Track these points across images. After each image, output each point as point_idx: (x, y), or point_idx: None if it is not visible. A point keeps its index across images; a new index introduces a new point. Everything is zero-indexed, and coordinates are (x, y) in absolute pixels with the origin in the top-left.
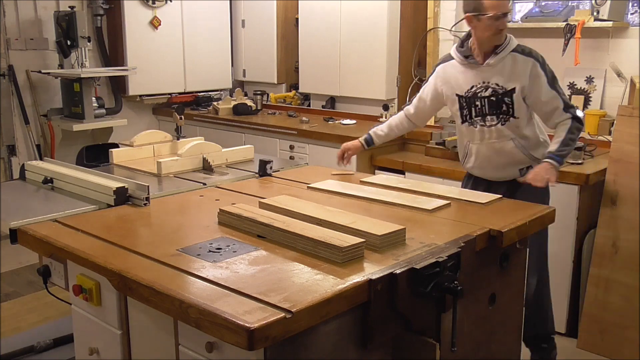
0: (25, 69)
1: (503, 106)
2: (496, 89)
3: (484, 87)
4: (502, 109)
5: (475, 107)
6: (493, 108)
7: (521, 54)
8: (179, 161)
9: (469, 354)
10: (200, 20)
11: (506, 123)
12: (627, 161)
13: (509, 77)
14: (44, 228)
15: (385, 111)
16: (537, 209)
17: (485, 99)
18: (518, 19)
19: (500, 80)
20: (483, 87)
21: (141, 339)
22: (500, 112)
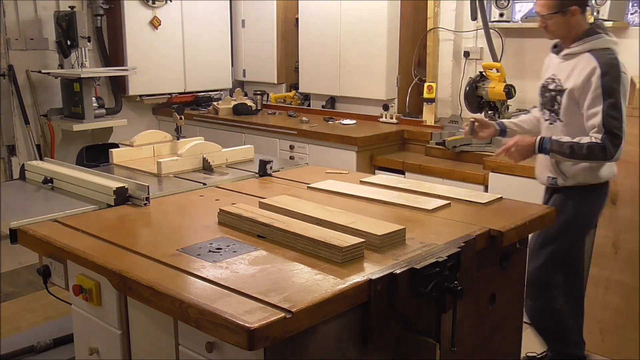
0: (25, 69)
1: (555, 104)
2: (558, 84)
3: (552, 80)
4: (554, 107)
5: (544, 97)
6: (550, 104)
7: (593, 56)
8: (179, 161)
9: (469, 354)
10: (200, 20)
11: (554, 123)
12: (627, 161)
13: (569, 75)
14: (44, 228)
15: (385, 111)
16: (537, 209)
17: (549, 92)
18: (518, 19)
19: (562, 77)
20: (551, 79)
21: (141, 339)
22: (552, 109)
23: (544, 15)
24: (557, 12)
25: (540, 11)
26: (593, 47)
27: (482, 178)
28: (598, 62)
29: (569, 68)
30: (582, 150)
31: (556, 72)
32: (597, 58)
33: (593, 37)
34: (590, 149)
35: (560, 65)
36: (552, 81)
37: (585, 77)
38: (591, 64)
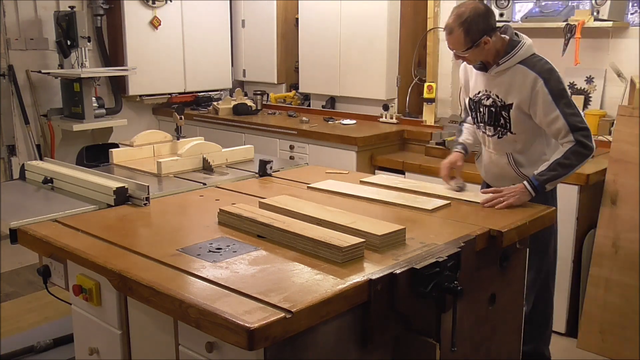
0: (25, 69)
1: (501, 119)
2: (496, 100)
3: (486, 96)
4: (499, 121)
5: (479, 112)
6: (491, 119)
7: (527, 67)
8: (179, 161)
9: (469, 354)
10: (200, 20)
11: (503, 137)
12: (627, 161)
13: (508, 90)
14: (44, 228)
15: (385, 111)
16: (537, 209)
17: (486, 108)
18: (518, 19)
19: (500, 92)
20: (485, 95)
21: (141, 339)
22: (497, 124)
23: (457, 53)
24: (470, 48)
25: (453, 49)
26: (521, 58)
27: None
28: (535, 71)
29: (505, 83)
30: (568, 160)
31: (489, 87)
32: (532, 67)
33: (517, 49)
34: (574, 153)
35: (493, 81)
36: (486, 97)
37: (529, 89)
38: (529, 75)
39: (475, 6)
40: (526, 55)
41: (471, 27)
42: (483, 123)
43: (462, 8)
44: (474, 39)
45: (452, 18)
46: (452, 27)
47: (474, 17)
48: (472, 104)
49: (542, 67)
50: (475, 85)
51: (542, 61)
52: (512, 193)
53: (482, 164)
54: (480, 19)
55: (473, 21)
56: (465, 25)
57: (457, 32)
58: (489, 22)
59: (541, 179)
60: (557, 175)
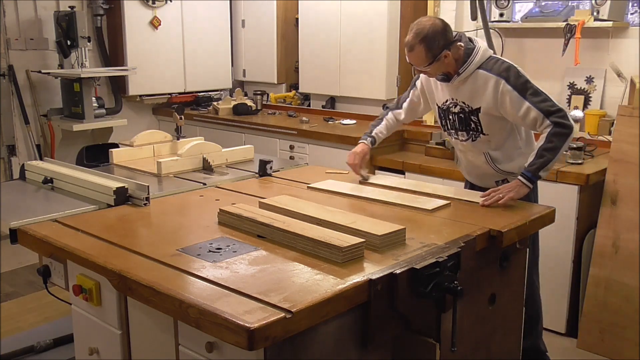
0: (25, 69)
1: (471, 123)
2: (463, 106)
3: (453, 104)
4: (470, 126)
5: (449, 120)
6: (462, 124)
7: (486, 71)
8: (179, 161)
9: (469, 354)
10: (200, 20)
11: (477, 139)
12: (627, 161)
13: (473, 95)
14: (44, 228)
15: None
16: (537, 209)
17: (456, 115)
18: (518, 19)
19: (465, 99)
20: (453, 103)
21: (141, 339)
22: (469, 128)
23: (419, 68)
24: (431, 63)
25: (415, 65)
26: (479, 63)
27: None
28: (494, 73)
29: (469, 90)
30: (551, 143)
31: (455, 95)
32: (490, 70)
33: (473, 55)
34: (555, 135)
35: (457, 89)
36: (453, 105)
37: (492, 92)
38: (490, 79)
39: (434, 22)
40: (483, 60)
41: (432, 43)
42: (454, 129)
43: (420, 25)
44: (434, 54)
45: (412, 35)
46: (413, 44)
47: (433, 34)
48: (440, 112)
49: (500, 68)
50: (442, 94)
51: (499, 62)
52: (509, 188)
53: (462, 166)
54: (439, 35)
55: (433, 37)
56: (425, 41)
57: (417, 48)
58: (447, 37)
59: (532, 169)
60: (546, 161)
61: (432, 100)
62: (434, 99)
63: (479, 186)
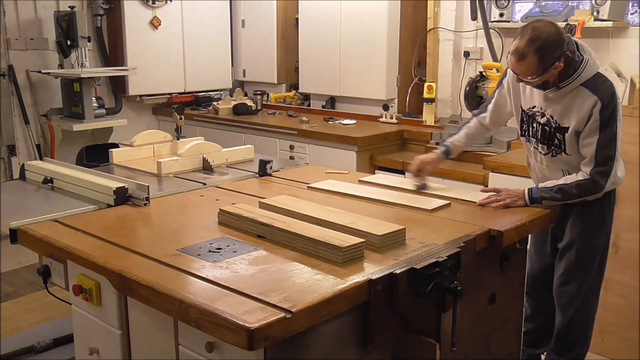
0: (25, 69)
1: (555, 140)
2: (550, 121)
3: (541, 114)
4: (553, 142)
5: (532, 128)
6: (545, 138)
7: (588, 90)
8: (179, 161)
9: (469, 354)
10: (200, 20)
11: (557, 155)
12: (627, 161)
13: (566, 113)
14: (44, 228)
15: (385, 111)
16: (536, 209)
17: (540, 126)
18: (518, 19)
19: (556, 114)
20: (541, 112)
21: (141, 339)
22: (552, 144)
23: (528, 81)
24: (540, 75)
25: (520, 75)
26: (584, 79)
27: (482, 178)
28: (597, 95)
29: (563, 105)
30: (572, 190)
31: (544, 106)
32: (594, 91)
33: (580, 70)
34: (580, 186)
35: (550, 100)
36: (540, 114)
37: (587, 111)
38: (590, 98)
39: (550, 30)
40: (589, 76)
41: (546, 54)
42: (535, 139)
43: (536, 31)
44: (546, 66)
45: (525, 42)
46: (525, 52)
47: (550, 44)
48: (524, 117)
49: (606, 91)
50: (530, 98)
51: (607, 83)
52: (510, 195)
53: (535, 176)
54: (556, 45)
55: (549, 48)
56: (540, 52)
57: (530, 59)
58: (562, 48)
59: (541, 195)
60: (556, 199)
61: (517, 101)
62: (519, 101)
63: None
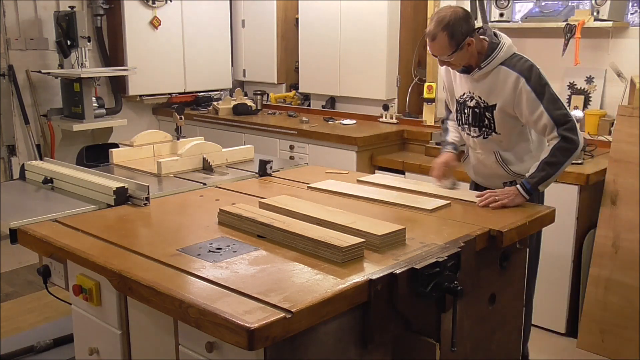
0: (25, 69)
1: (485, 120)
2: (479, 102)
3: (470, 97)
4: (484, 122)
5: (464, 114)
6: (475, 120)
7: (508, 68)
8: (179, 161)
9: (469, 354)
10: (200, 20)
11: (488, 137)
12: (627, 161)
13: (491, 91)
14: (44, 228)
15: (385, 111)
16: (537, 209)
17: (470, 110)
18: (518, 19)
19: (483, 94)
20: (469, 96)
21: (141, 339)
22: (482, 125)
23: (443, 58)
24: (455, 51)
25: (438, 55)
26: (502, 59)
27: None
28: (516, 71)
29: (487, 85)
30: (555, 158)
31: (472, 89)
32: (513, 67)
33: (497, 50)
34: (559, 149)
35: (476, 83)
36: (470, 98)
37: (511, 89)
38: (511, 75)
39: (455, 10)
40: (507, 56)
41: (454, 29)
42: (467, 124)
43: (441, 13)
44: (458, 41)
45: (434, 24)
46: (435, 32)
47: (455, 20)
48: (458, 106)
49: (523, 66)
50: (460, 87)
51: (522, 60)
52: (506, 194)
53: (470, 165)
54: (462, 21)
55: (455, 24)
56: (448, 28)
57: (440, 36)
58: (470, 24)
59: (532, 182)
60: (547, 176)
61: (452, 93)
62: (453, 92)
63: (485, 187)
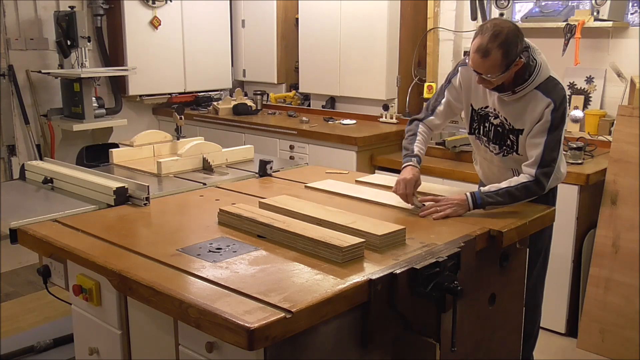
0: (25, 69)
1: (507, 141)
2: (504, 122)
3: (494, 115)
4: (506, 142)
5: (484, 127)
6: (498, 138)
7: (542, 93)
8: (179, 161)
9: (469, 354)
10: (200, 20)
11: (508, 155)
12: (627, 161)
13: (520, 116)
14: (44, 228)
15: (385, 111)
16: (537, 209)
17: (493, 126)
18: (518, 19)
19: (510, 117)
20: (494, 114)
21: (141, 339)
22: (504, 144)
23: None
24: (504, 72)
25: (485, 73)
26: (538, 82)
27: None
28: (550, 98)
29: (517, 110)
30: (517, 192)
31: (499, 108)
32: (547, 94)
33: (535, 74)
34: (526, 188)
35: (505, 104)
36: (494, 116)
37: (539, 114)
38: (543, 101)
39: (510, 25)
40: (542, 79)
41: (510, 48)
42: (487, 138)
43: (497, 27)
44: (510, 61)
45: (488, 38)
46: (490, 48)
47: (512, 38)
48: (475, 116)
49: (558, 94)
50: (482, 98)
51: (559, 86)
52: (450, 204)
53: (482, 172)
54: (517, 40)
55: (512, 42)
56: (504, 46)
57: (495, 54)
58: (523, 42)
59: (485, 200)
60: (501, 202)
61: (468, 99)
62: (469, 99)
63: None
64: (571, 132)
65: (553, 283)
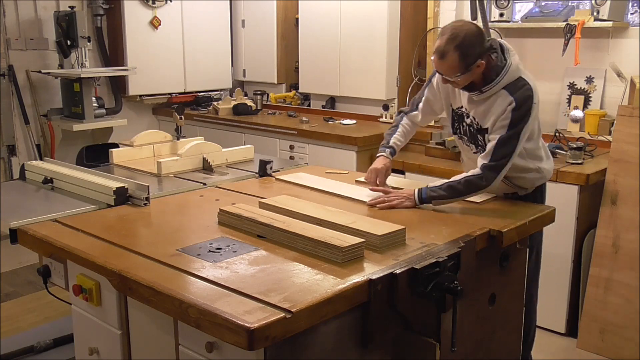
0: (25, 69)
1: (479, 140)
2: (473, 122)
3: (466, 114)
4: (478, 142)
5: (462, 126)
6: (471, 138)
7: (508, 93)
8: (179, 161)
9: (469, 353)
10: (200, 20)
11: None
12: (627, 161)
13: (486, 114)
14: (44, 228)
15: (385, 111)
16: (537, 209)
17: (467, 126)
18: (518, 19)
19: (477, 116)
20: (465, 113)
21: (141, 339)
22: (477, 144)
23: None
24: (463, 74)
25: (445, 74)
26: (505, 83)
27: None
28: (513, 97)
29: (484, 109)
30: (460, 187)
31: (469, 108)
32: (512, 93)
33: (502, 74)
34: (468, 182)
35: (473, 103)
36: (466, 115)
37: (500, 111)
38: (507, 99)
39: (469, 27)
40: (510, 80)
41: (467, 50)
42: (466, 137)
43: (455, 29)
44: (468, 63)
45: (445, 40)
46: (445, 50)
47: (469, 40)
48: (455, 116)
49: (523, 94)
50: (458, 99)
51: (526, 87)
52: (397, 196)
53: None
54: (476, 41)
55: (469, 45)
56: (461, 48)
57: (451, 56)
58: (483, 45)
59: (430, 194)
60: (445, 197)
61: (447, 100)
62: (449, 100)
63: None
64: (571, 132)
65: (553, 283)
